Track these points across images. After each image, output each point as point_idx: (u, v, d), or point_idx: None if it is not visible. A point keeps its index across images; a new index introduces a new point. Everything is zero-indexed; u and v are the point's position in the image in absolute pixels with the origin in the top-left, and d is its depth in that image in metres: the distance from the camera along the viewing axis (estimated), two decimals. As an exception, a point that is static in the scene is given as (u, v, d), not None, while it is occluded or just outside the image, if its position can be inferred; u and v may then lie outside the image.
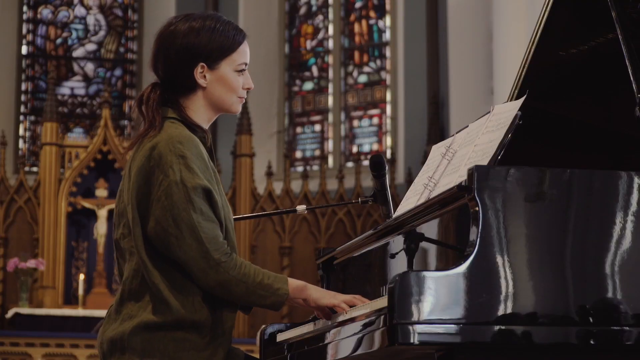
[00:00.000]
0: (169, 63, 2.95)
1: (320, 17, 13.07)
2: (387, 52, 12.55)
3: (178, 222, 2.81)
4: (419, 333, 2.47)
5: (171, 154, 2.83)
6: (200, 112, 2.98)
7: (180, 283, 2.85)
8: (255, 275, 2.85)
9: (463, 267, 2.51)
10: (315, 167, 12.35)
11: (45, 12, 13.26)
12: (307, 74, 13.01)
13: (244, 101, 3.04)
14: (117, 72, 13.38)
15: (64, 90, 13.11)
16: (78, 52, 13.35)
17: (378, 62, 12.68)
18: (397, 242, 3.06)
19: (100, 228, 10.74)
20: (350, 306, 2.85)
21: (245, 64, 3.00)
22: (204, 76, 2.95)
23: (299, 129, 12.89)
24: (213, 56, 2.95)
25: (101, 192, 10.84)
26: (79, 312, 10.28)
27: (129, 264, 2.91)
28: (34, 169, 12.13)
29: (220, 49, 2.95)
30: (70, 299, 10.70)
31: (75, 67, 13.29)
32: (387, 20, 12.59)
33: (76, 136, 12.53)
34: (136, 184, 2.87)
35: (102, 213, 10.77)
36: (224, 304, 2.90)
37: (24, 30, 13.10)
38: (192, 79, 2.94)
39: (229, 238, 2.92)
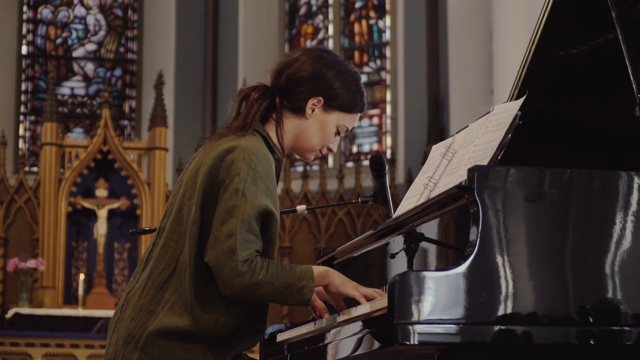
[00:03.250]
0: (299, 76, 2.97)
1: (320, 17, 13.07)
2: (387, 52, 12.56)
3: (223, 226, 2.79)
4: (419, 333, 2.47)
5: (244, 162, 2.82)
6: (287, 136, 3.00)
7: (211, 298, 2.82)
8: (280, 275, 2.79)
9: (463, 267, 2.51)
10: (315, 167, 12.35)
11: (45, 12, 13.27)
12: (307, 74, 12.99)
13: (317, 156, 3.09)
14: (117, 72, 13.38)
15: (64, 90, 13.12)
16: (78, 52, 13.35)
17: (378, 62, 12.68)
18: (397, 242, 3.06)
19: (100, 228, 10.73)
20: (369, 300, 2.83)
21: (347, 130, 3.05)
22: (313, 109, 2.98)
23: (299, 129, 12.87)
24: (334, 101, 2.99)
25: (101, 192, 10.84)
26: (79, 312, 10.28)
27: (162, 254, 2.89)
28: (34, 169, 12.14)
29: (343, 101, 3.00)
30: (70, 299, 10.70)
31: (75, 67, 13.30)
32: (387, 20, 12.59)
33: (76, 136, 12.53)
34: (203, 183, 2.86)
35: (102, 213, 10.76)
36: (246, 331, 2.87)
37: (24, 30, 13.11)
38: (304, 103, 2.98)
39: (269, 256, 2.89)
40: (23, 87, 12.98)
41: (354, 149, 12.59)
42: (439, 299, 2.48)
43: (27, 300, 10.34)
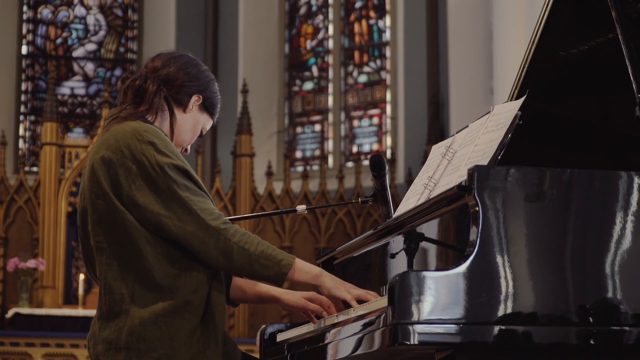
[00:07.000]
0: (188, 71, 3.07)
1: (320, 17, 13.07)
2: (387, 52, 12.55)
3: (167, 203, 2.83)
4: (419, 333, 2.47)
5: (140, 142, 2.87)
6: (168, 125, 3.07)
7: (176, 269, 2.85)
8: (259, 244, 2.86)
9: (463, 267, 2.51)
10: (315, 167, 12.35)
11: (45, 12, 13.26)
12: (307, 74, 13.01)
13: (180, 150, 3.14)
14: (117, 72, 13.38)
15: (64, 90, 13.12)
16: (78, 52, 13.35)
17: (378, 62, 12.67)
18: (397, 242, 3.06)
19: (100, 228, 10.72)
20: (362, 302, 2.84)
21: (204, 132, 3.16)
22: (192, 106, 3.08)
23: (299, 129, 12.89)
24: (208, 103, 3.12)
25: (101, 192, 10.83)
26: (79, 312, 10.28)
27: (99, 259, 2.91)
28: (34, 169, 12.13)
29: (214, 105, 3.14)
30: (70, 299, 10.70)
31: (75, 67, 13.29)
32: (387, 20, 12.59)
33: (76, 136, 12.54)
34: (107, 179, 2.88)
35: (102, 213, 10.75)
36: (214, 289, 2.90)
37: (24, 30, 13.11)
38: (188, 98, 3.06)
39: None
40: (23, 87, 12.97)
41: (354, 149, 12.59)
42: (439, 298, 2.48)
43: (27, 300, 10.35)
